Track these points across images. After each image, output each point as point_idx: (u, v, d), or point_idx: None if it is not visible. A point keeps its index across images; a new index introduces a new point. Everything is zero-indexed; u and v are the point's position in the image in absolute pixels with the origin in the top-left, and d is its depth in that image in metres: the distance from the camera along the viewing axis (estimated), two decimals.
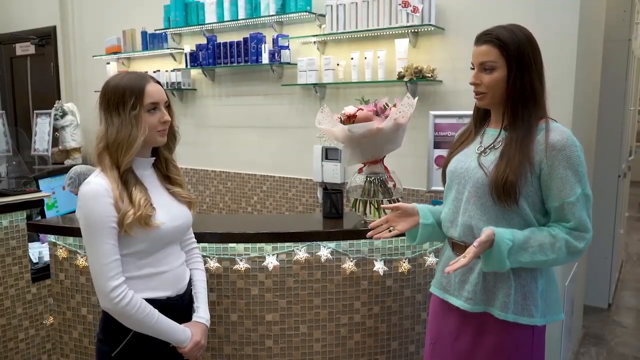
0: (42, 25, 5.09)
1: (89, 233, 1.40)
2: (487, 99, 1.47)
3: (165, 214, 1.49)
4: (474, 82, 1.46)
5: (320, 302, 2.01)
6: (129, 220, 1.39)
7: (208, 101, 3.95)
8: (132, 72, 1.50)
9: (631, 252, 5.69)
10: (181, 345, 1.51)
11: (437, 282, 1.63)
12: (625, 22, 3.83)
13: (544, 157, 1.38)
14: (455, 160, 1.55)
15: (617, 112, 3.90)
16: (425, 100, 2.91)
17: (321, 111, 2.09)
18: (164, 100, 1.49)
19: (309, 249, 1.99)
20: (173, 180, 1.59)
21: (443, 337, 1.59)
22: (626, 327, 3.75)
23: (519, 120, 1.43)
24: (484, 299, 1.47)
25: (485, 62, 1.43)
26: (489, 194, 1.41)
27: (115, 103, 1.43)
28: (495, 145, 1.47)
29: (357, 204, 2.11)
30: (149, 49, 4.02)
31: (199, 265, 1.72)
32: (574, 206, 1.37)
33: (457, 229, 1.51)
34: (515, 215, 1.42)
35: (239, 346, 2.01)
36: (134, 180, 1.45)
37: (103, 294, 1.40)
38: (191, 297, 1.64)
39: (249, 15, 3.42)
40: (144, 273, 1.48)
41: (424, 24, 2.77)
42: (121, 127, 1.42)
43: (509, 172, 1.37)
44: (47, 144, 4.22)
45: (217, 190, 3.96)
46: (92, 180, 1.42)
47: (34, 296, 2.41)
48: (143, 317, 1.43)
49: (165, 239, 1.51)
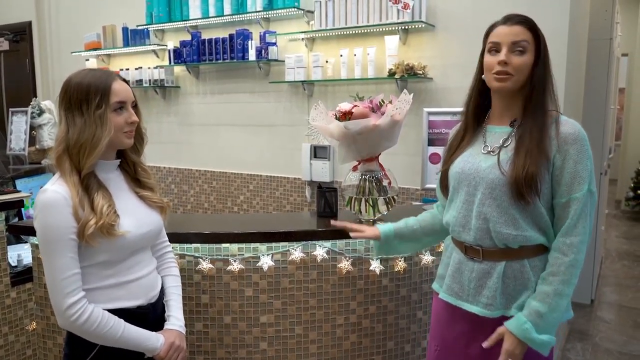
0: (17, 21, 4.95)
1: (46, 245, 1.30)
2: (510, 82, 1.39)
3: (131, 220, 1.40)
4: (504, 60, 1.37)
5: (316, 303, 1.97)
6: (90, 230, 1.29)
7: (192, 99, 3.87)
8: (96, 69, 1.41)
9: (610, 249, 5.80)
10: (155, 353, 1.43)
11: (447, 288, 1.55)
12: (607, 21, 3.89)
13: (557, 151, 1.36)
14: (461, 161, 1.49)
15: (600, 111, 3.96)
16: (416, 98, 2.88)
17: (315, 108, 2.05)
18: (131, 99, 1.41)
19: (305, 249, 1.94)
20: (143, 183, 1.50)
21: (450, 343, 1.54)
22: (609, 323, 3.81)
23: (536, 111, 1.38)
24: (503, 303, 1.43)
25: (518, 41, 1.37)
26: (507, 193, 1.37)
27: (78, 101, 1.33)
28: (504, 144, 1.42)
29: (352, 202, 2.07)
30: (131, 45, 3.94)
31: (171, 271, 1.62)
32: (577, 203, 1.34)
33: (471, 232, 1.45)
34: (530, 214, 1.39)
35: (232, 349, 1.96)
36: (96, 185, 1.36)
37: (59, 312, 1.31)
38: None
39: (235, 11, 3.37)
40: (110, 283, 1.39)
41: (414, 20, 2.76)
42: (84, 127, 1.32)
43: (529, 164, 1.33)
44: (24, 143, 4.07)
45: (202, 190, 3.89)
46: (49, 188, 1.31)
47: (14, 301, 2.32)
48: (106, 332, 1.33)
49: (131, 248, 1.41)
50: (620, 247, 5.87)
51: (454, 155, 1.52)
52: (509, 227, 1.39)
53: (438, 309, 1.60)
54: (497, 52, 1.40)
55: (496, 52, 1.40)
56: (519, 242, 1.39)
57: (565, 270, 1.34)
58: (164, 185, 4.12)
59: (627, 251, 5.71)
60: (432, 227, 1.70)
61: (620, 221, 7.24)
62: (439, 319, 1.59)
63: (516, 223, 1.38)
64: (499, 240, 1.40)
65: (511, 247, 1.40)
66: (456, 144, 1.53)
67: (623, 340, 3.52)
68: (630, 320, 3.85)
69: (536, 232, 1.39)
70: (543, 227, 1.40)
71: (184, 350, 1.51)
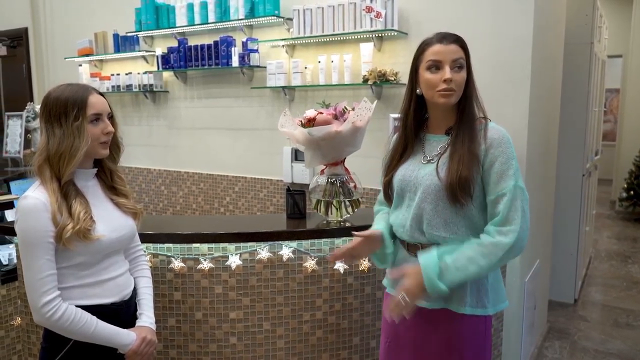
0: (14, 27, 5.06)
1: (25, 248, 1.41)
2: (454, 97, 1.50)
3: (106, 225, 1.50)
4: (449, 78, 1.46)
5: (282, 300, 2.07)
6: (67, 234, 1.39)
7: (180, 103, 3.98)
8: (74, 84, 1.51)
9: (600, 249, 5.83)
10: (126, 349, 1.53)
11: (393, 282, 1.66)
12: (588, 25, 3.96)
13: (485, 154, 1.47)
14: (402, 170, 1.59)
15: (580, 114, 4.02)
16: (389, 103, 2.99)
17: (284, 114, 2.15)
18: (106, 111, 1.51)
19: (271, 249, 2.04)
20: (118, 190, 1.60)
21: (399, 335, 1.64)
22: (590, 322, 3.87)
23: (467, 119, 1.50)
24: (441, 296, 1.51)
25: (457, 59, 1.48)
26: (443, 197, 1.48)
27: (57, 114, 1.44)
28: (441, 152, 1.53)
29: (319, 205, 2.17)
30: (121, 51, 4.04)
31: (143, 272, 1.73)
32: (505, 197, 1.44)
33: (410, 232, 1.56)
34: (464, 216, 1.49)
35: (203, 343, 2.06)
36: (74, 193, 1.46)
37: (35, 309, 1.41)
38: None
39: (219, 19, 3.47)
40: (86, 282, 1.49)
41: (387, 29, 2.84)
42: (63, 138, 1.42)
43: (462, 168, 1.44)
44: (19, 146, 4.19)
45: (190, 191, 4.00)
46: (30, 195, 1.42)
47: (4, 297, 2.42)
48: (79, 328, 1.43)
49: (105, 251, 1.52)
50: (611, 248, 5.91)
51: (396, 166, 1.61)
52: (439, 229, 1.50)
53: (388, 303, 1.70)
54: (438, 69, 1.48)
55: (437, 70, 1.48)
56: (449, 242, 1.50)
57: (488, 244, 1.43)
58: (154, 186, 4.23)
59: (616, 251, 5.75)
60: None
61: (614, 222, 7.27)
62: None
63: (447, 225, 1.49)
64: (431, 239, 1.52)
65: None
66: (398, 156, 1.62)
67: (601, 338, 3.58)
68: (611, 319, 3.91)
69: (468, 234, 1.50)
70: (475, 227, 1.50)
71: (155, 343, 1.61)
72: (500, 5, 2.62)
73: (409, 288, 1.45)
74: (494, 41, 2.63)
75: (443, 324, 1.55)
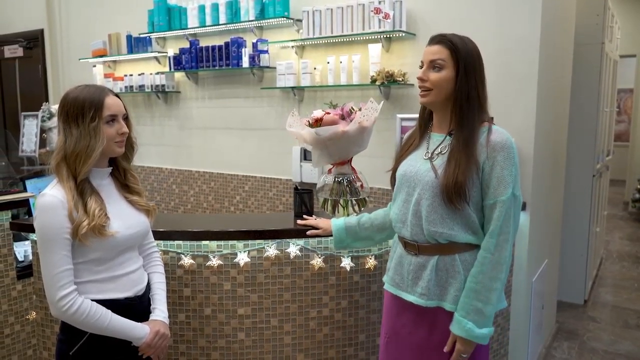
0: (30, 28, 5.16)
1: (43, 243, 1.45)
2: (431, 96, 1.54)
3: (120, 222, 1.55)
4: (421, 77, 1.55)
5: (290, 297, 2.10)
6: (83, 230, 1.44)
7: (192, 103, 4.04)
8: (91, 85, 1.55)
9: (612, 250, 5.80)
10: (140, 342, 1.57)
11: (390, 279, 1.70)
12: (599, 25, 3.95)
13: (486, 157, 1.48)
14: (405, 164, 1.64)
15: (591, 114, 4.01)
16: (397, 103, 3.02)
17: (292, 115, 2.19)
18: (122, 112, 1.56)
19: (279, 246, 2.08)
20: (131, 189, 1.65)
21: (397, 332, 1.67)
22: (599, 322, 3.86)
23: (465, 122, 1.51)
24: (437, 294, 1.56)
25: (435, 60, 1.52)
26: (439, 195, 1.50)
27: (74, 115, 1.48)
28: (441, 151, 1.56)
29: (326, 204, 2.20)
30: (134, 52, 4.10)
31: (157, 268, 1.78)
32: (503, 206, 1.47)
33: (408, 229, 1.60)
34: (460, 216, 1.52)
35: (212, 339, 2.11)
36: (90, 191, 1.51)
37: (52, 303, 1.46)
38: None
39: (230, 20, 3.52)
40: (101, 277, 1.54)
41: (395, 29, 2.87)
42: (80, 138, 1.47)
43: (458, 173, 1.46)
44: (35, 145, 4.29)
45: (201, 190, 4.05)
46: (48, 192, 1.47)
47: (19, 293, 2.48)
48: (94, 322, 1.48)
49: (120, 247, 1.56)
50: (622, 249, 5.87)
51: (402, 157, 1.67)
52: (437, 225, 1.52)
53: (386, 299, 1.75)
54: (421, 69, 1.57)
55: (420, 69, 1.57)
56: (446, 238, 1.53)
57: (492, 267, 1.48)
58: (166, 185, 4.29)
59: (628, 252, 5.71)
60: (383, 224, 1.84)
61: (626, 223, 7.21)
62: (387, 309, 1.73)
63: (444, 222, 1.52)
64: (429, 236, 1.55)
65: (441, 243, 1.54)
66: (405, 148, 1.68)
67: (610, 339, 3.57)
68: (621, 320, 3.89)
69: (464, 232, 1.52)
70: (472, 227, 1.53)
71: (168, 337, 1.66)
72: (508, 5, 2.63)
73: (460, 349, 1.51)
74: (500, 41, 2.65)
75: (439, 321, 1.57)
